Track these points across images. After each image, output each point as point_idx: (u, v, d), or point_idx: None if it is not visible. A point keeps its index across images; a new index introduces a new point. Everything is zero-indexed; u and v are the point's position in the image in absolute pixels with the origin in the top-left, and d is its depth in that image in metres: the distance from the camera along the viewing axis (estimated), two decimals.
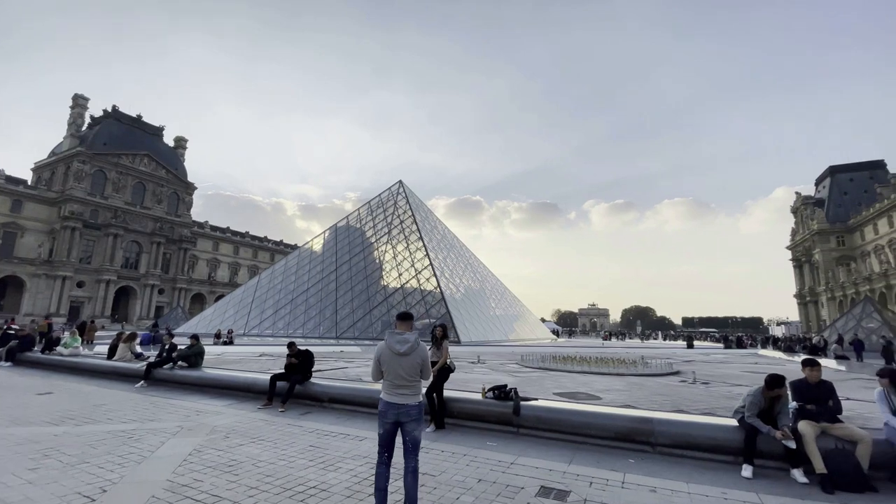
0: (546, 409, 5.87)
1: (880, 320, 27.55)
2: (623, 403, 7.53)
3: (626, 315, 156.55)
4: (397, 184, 45.16)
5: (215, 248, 79.67)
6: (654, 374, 12.46)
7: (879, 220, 56.24)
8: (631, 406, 7.29)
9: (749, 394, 4.76)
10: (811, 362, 4.84)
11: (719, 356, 22.65)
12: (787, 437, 4.37)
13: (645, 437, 5.15)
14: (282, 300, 36.14)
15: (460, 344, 26.28)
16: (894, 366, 17.26)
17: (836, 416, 4.57)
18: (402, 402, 3.43)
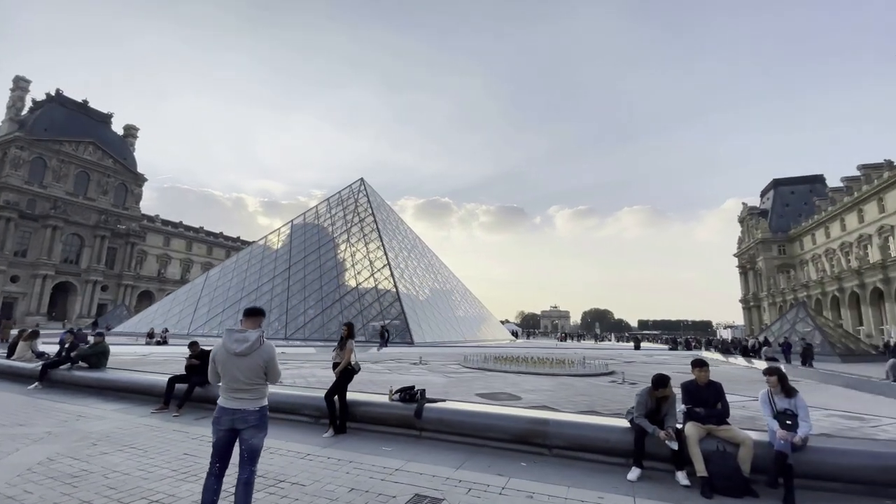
0: (450, 412, 5.65)
1: (812, 324, 29.24)
2: (540, 404, 7.43)
3: (585, 317, 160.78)
4: (358, 181, 44.35)
5: (166, 243, 75.82)
6: (588, 375, 12.56)
7: (817, 231, 60.05)
8: (548, 407, 7.20)
9: (637, 394, 4.70)
10: (699, 363, 4.83)
11: (661, 357, 23.34)
12: (669, 437, 4.31)
13: (541, 440, 5.01)
14: (230, 298, 34.62)
15: (413, 345, 25.93)
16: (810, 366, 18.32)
17: (724, 418, 4.55)
18: (239, 406, 3.09)
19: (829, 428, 6.19)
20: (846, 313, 50.86)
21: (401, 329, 28.02)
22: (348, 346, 6.07)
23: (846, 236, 52.67)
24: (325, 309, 30.71)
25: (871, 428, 6.26)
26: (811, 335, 28.91)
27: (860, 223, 50.31)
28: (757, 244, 69.31)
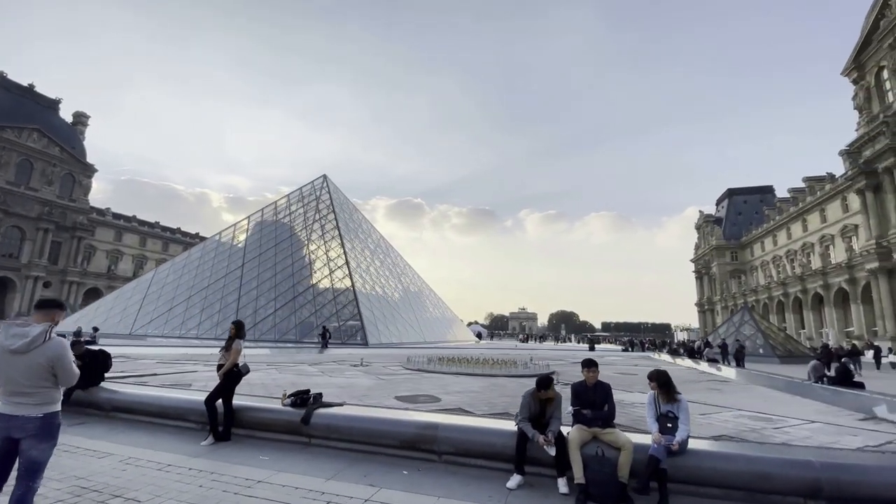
0: (340, 417, 5.29)
1: (755, 327, 30.52)
2: (456, 406, 7.18)
3: (552, 319, 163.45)
4: (321, 178, 43.35)
5: (118, 238, 71.93)
6: (526, 376, 12.46)
7: (765, 239, 63.08)
8: (462, 409, 6.95)
9: (522, 395, 4.49)
10: (589, 363, 4.68)
11: (610, 358, 23.71)
12: (548, 443, 4.11)
13: (430, 445, 4.73)
14: (178, 297, 33.03)
15: (367, 346, 25.37)
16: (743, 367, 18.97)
17: (610, 420, 4.40)
18: (17, 413, 2.64)
19: (732, 429, 6.20)
20: (790, 317, 53.55)
21: (356, 330, 27.41)
22: (235, 346, 5.63)
23: (791, 244, 55.51)
24: (279, 309, 29.69)
25: (773, 429, 6.32)
26: (753, 338, 30.17)
27: (804, 232, 53.10)
28: (711, 250, 72.21)
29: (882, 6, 37.29)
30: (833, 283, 44.98)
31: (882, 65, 38.22)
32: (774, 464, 3.81)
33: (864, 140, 38.65)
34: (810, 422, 6.98)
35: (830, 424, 6.78)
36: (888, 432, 6.31)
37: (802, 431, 6.32)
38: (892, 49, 36.57)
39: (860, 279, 40.18)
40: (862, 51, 39.78)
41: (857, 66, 40.39)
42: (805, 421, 7.04)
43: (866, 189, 37.56)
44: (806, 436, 6.03)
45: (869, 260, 36.86)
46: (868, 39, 38.98)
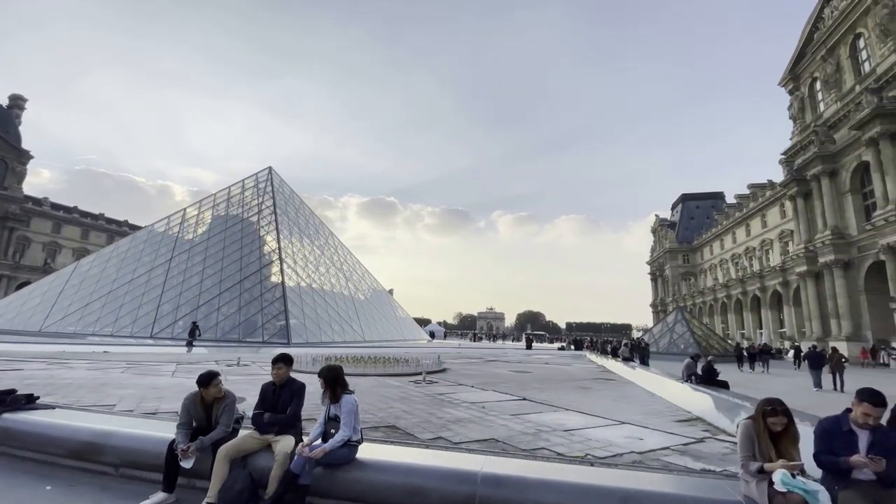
0: (19, 423, 4.48)
1: (686, 327, 31.16)
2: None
3: (519, 319, 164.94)
4: (266, 170, 41.77)
5: (56, 230, 67.87)
6: (410, 374, 11.92)
7: (714, 243, 65.11)
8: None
9: (184, 398, 3.83)
10: (278, 359, 4.04)
11: (541, 356, 23.68)
12: (184, 453, 3.45)
13: (99, 456, 4.01)
14: (98, 291, 31.03)
15: (289, 345, 24.34)
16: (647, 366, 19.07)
17: (290, 425, 3.76)
18: None
19: (519, 432, 5.72)
20: (732, 318, 55.34)
21: (281, 328, 26.32)
22: None
23: (736, 248, 57.41)
24: (202, 305, 28.23)
25: (565, 431, 5.87)
26: (684, 337, 30.78)
27: (747, 237, 54.99)
28: (665, 253, 74.09)
29: (816, 19, 38.79)
30: (769, 286, 46.65)
31: (815, 76, 39.78)
32: (434, 476, 3.28)
33: (797, 149, 40.16)
34: (621, 423, 6.61)
35: (643, 427, 6.42)
36: (687, 436, 5.98)
37: (603, 433, 5.92)
38: (824, 61, 38.06)
39: (792, 282, 41.73)
40: (797, 62, 41.32)
41: (792, 77, 41.93)
42: (617, 422, 6.67)
43: (797, 196, 38.98)
44: (602, 438, 5.62)
45: (798, 264, 38.26)
46: (803, 51, 40.50)
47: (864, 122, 30.62)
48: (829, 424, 3.09)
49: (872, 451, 2.86)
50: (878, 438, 2.93)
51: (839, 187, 34.86)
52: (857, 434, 2.97)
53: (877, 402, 2.92)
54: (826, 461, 2.97)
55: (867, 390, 3.05)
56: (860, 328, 32.37)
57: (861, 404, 2.95)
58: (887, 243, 28.79)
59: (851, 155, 33.56)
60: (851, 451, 2.91)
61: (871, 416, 2.91)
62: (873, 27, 32.64)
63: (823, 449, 3.01)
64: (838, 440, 2.99)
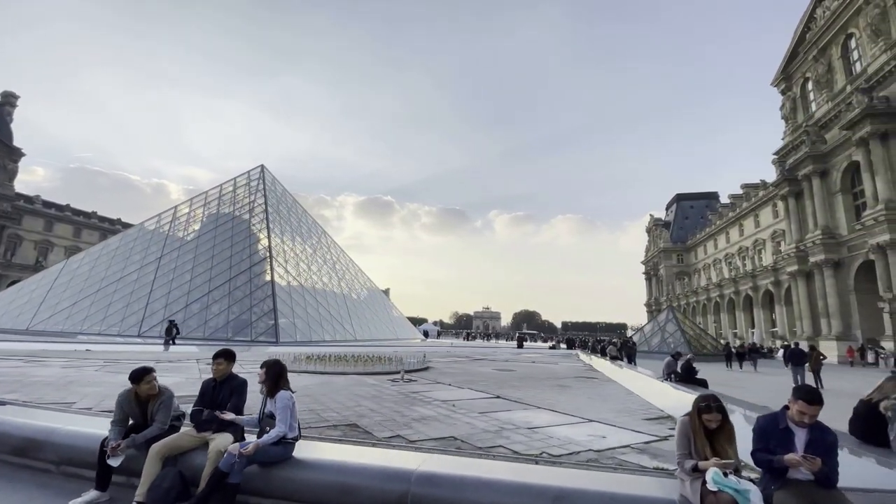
0: None
1: (676, 326, 31.23)
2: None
3: (515, 318, 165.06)
4: (258, 168, 41.59)
5: (48, 228, 67.45)
6: (388, 373, 11.83)
7: (707, 243, 65.28)
8: None
9: (118, 395, 3.74)
10: (218, 355, 3.96)
11: (529, 355, 23.62)
12: (113, 451, 3.37)
13: (39, 454, 3.93)
14: (86, 290, 30.83)
15: (277, 343, 24.24)
16: (634, 364, 19.09)
17: (226, 423, 3.64)
18: None
19: (482, 429, 5.66)
20: (724, 317, 55.52)
21: (269, 327, 26.19)
22: None
23: (729, 248, 57.57)
24: (190, 304, 28.07)
25: (526, 430, 5.81)
26: (675, 335, 30.84)
27: (740, 236, 55.16)
28: (659, 253, 74.25)
29: (808, 19, 38.86)
30: (761, 286, 46.81)
31: (807, 76, 39.88)
32: (368, 474, 3.21)
33: (789, 149, 40.27)
34: (588, 421, 6.56)
35: (609, 425, 6.36)
36: (651, 434, 5.93)
37: (567, 431, 5.86)
38: (816, 61, 38.16)
39: (783, 282, 41.87)
40: (790, 62, 41.41)
41: (784, 77, 42.03)
42: (584, 420, 6.62)
43: (789, 196, 39.11)
44: (565, 436, 5.56)
45: (789, 263, 38.38)
46: (795, 51, 40.59)
47: (854, 122, 30.71)
48: (765, 422, 3.02)
49: (809, 450, 2.81)
50: (814, 436, 2.86)
51: (830, 187, 34.98)
52: (793, 432, 2.91)
53: (811, 400, 2.84)
54: (761, 460, 2.91)
55: (803, 387, 3.01)
56: (850, 327, 32.50)
57: (796, 402, 2.88)
58: (877, 243, 28.90)
59: (842, 155, 33.67)
60: (788, 449, 2.85)
61: (806, 414, 2.83)
62: (864, 27, 32.72)
63: (760, 447, 2.95)
64: (775, 438, 2.92)
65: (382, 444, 4.11)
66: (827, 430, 2.95)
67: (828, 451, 2.81)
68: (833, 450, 2.85)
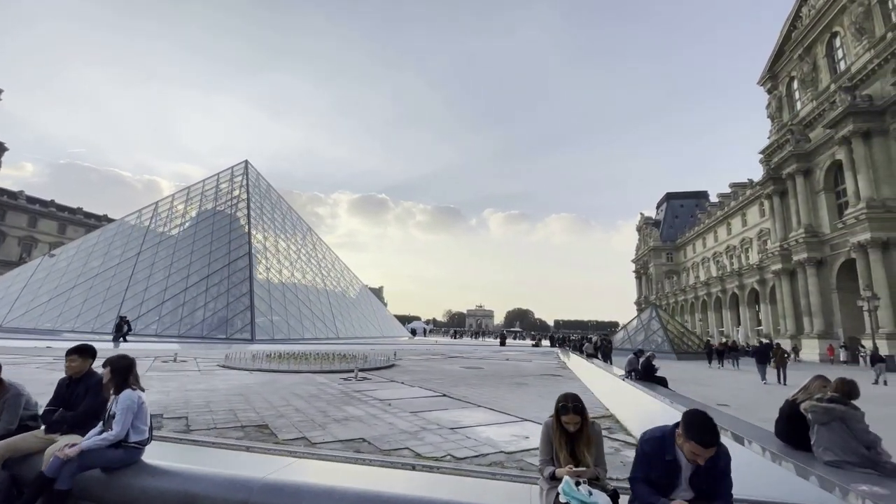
0: None
1: (659, 324, 31.11)
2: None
3: (509, 316, 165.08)
4: (242, 164, 41.20)
5: (32, 224, 66.53)
6: (342, 371, 11.54)
7: (696, 242, 65.34)
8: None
9: None
10: (72, 351, 3.65)
11: (508, 353, 23.44)
12: None
13: None
14: (62, 286, 30.33)
15: (252, 341, 23.90)
16: (609, 362, 18.93)
17: (78, 424, 3.33)
18: None
19: (402, 430, 5.40)
20: (711, 315, 55.61)
21: (245, 323, 25.82)
22: None
23: (717, 247, 57.64)
24: (166, 301, 27.65)
25: (447, 430, 5.56)
26: (658, 333, 30.77)
27: (728, 235, 55.21)
28: (649, 251, 74.31)
29: (794, 18, 38.83)
30: (747, 284, 46.88)
31: (793, 75, 39.86)
32: (212, 483, 2.95)
33: (774, 148, 40.27)
34: (522, 420, 6.32)
35: (540, 424, 6.13)
36: None
37: (492, 431, 5.62)
38: (801, 60, 38.13)
39: (768, 280, 41.92)
40: (776, 61, 41.39)
41: (771, 76, 42.00)
42: (518, 419, 6.38)
43: (774, 194, 39.11)
44: (485, 437, 5.31)
45: (774, 262, 38.42)
46: (781, 50, 40.56)
47: (837, 120, 30.69)
48: (651, 448, 2.56)
49: (695, 480, 2.46)
50: (702, 469, 2.44)
51: (813, 186, 34.99)
52: (680, 464, 2.48)
53: (707, 443, 2.34)
54: (641, 495, 2.49)
55: (696, 425, 2.39)
56: (832, 326, 32.56)
57: (688, 441, 2.38)
58: (858, 242, 28.91)
59: (825, 154, 33.68)
60: (671, 483, 2.48)
61: (699, 456, 2.36)
62: (849, 25, 32.69)
63: (640, 474, 2.55)
64: (658, 468, 2.50)
65: (257, 450, 3.84)
66: (718, 453, 2.44)
67: (719, 480, 2.45)
68: (725, 476, 2.48)
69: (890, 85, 28.57)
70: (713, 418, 2.44)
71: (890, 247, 27.65)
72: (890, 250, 27.67)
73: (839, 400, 4.12)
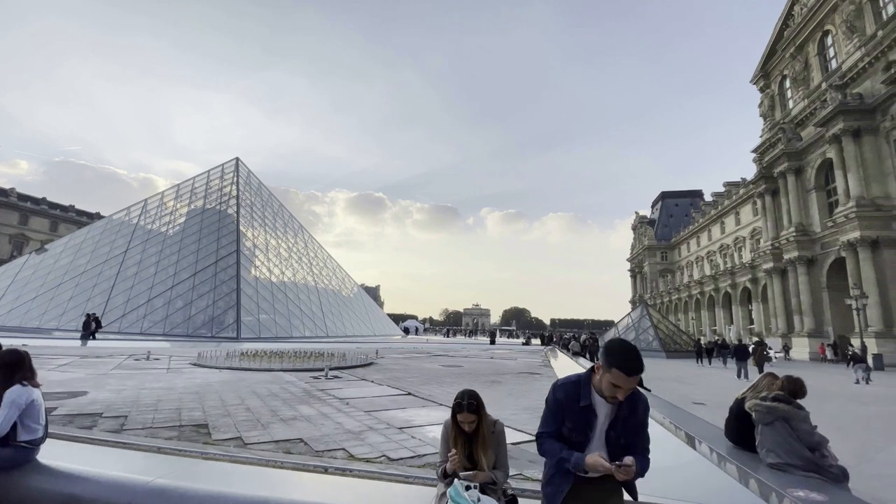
0: None
1: (650, 322, 31.03)
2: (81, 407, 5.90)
3: (505, 315, 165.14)
4: (233, 161, 40.96)
5: (23, 221, 66.09)
6: (317, 369, 11.36)
7: (690, 241, 65.34)
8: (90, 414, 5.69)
9: None
10: None
11: (497, 351, 23.32)
12: None
13: None
14: (48, 284, 30.05)
15: (237, 340, 23.70)
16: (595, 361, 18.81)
17: None
18: None
19: (345, 430, 5.24)
20: (704, 314, 55.64)
21: (231, 322, 25.61)
22: None
23: (711, 245, 57.64)
24: (152, 299, 27.41)
25: (395, 430, 5.40)
26: (648, 332, 30.70)
27: (722, 234, 55.21)
28: (644, 250, 74.31)
29: (787, 16, 38.74)
30: (739, 283, 46.88)
31: (785, 73, 39.79)
32: (95, 484, 2.79)
33: (767, 146, 40.22)
34: None
35: None
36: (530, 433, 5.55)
37: (436, 430, 5.45)
38: (793, 58, 38.07)
39: (760, 279, 41.91)
40: (768, 60, 41.31)
41: (763, 75, 41.94)
42: None
43: (766, 193, 39.07)
44: (432, 437, 5.15)
45: (765, 260, 38.38)
46: (774, 49, 40.48)
47: (827, 118, 30.63)
48: (564, 393, 2.11)
49: (611, 435, 2.07)
50: (621, 413, 2.05)
51: (804, 184, 34.95)
52: (596, 412, 2.06)
53: (631, 370, 1.93)
54: (550, 451, 2.09)
55: (618, 350, 1.99)
56: (822, 324, 32.54)
57: (610, 370, 1.96)
58: (847, 240, 28.87)
59: (816, 152, 33.62)
60: (585, 434, 2.06)
61: (621, 389, 1.96)
62: (840, 24, 32.62)
63: (550, 429, 2.12)
64: (572, 418, 2.08)
65: (167, 450, 3.65)
66: (637, 398, 2.08)
67: (637, 432, 2.09)
68: (644, 427, 2.11)
69: (880, 83, 28.50)
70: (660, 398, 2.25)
71: (879, 245, 27.62)
72: (879, 249, 27.64)
73: (783, 398, 3.97)
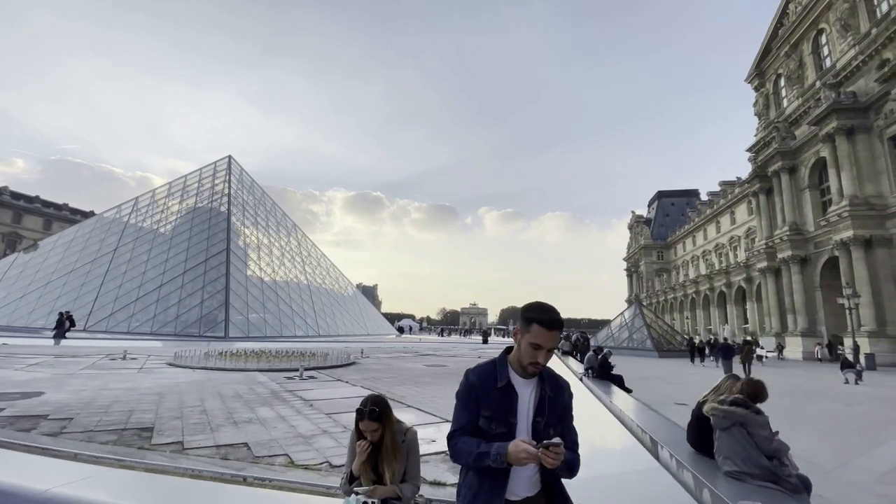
0: None
1: (642, 322, 30.87)
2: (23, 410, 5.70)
3: (502, 314, 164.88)
4: (225, 159, 40.67)
5: (16, 220, 65.72)
6: (293, 369, 11.15)
7: (686, 240, 65.23)
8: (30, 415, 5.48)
9: None
10: None
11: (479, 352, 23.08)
12: None
13: None
14: (36, 282, 29.79)
15: (225, 339, 23.48)
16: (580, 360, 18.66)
17: None
18: None
19: (294, 434, 5.04)
20: (700, 313, 55.54)
21: (220, 321, 25.38)
22: None
23: (706, 245, 57.53)
24: (140, 297, 27.16)
25: (339, 433, 5.20)
26: (641, 331, 30.56)
27: (717, 233, 55.09)
28: (640, 249, 74.17)
29: (781, 14, 38.57)
30: (734, 282, 46.79)
31: (779, 72, 39.62)
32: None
33: (761, 145, 40.06)
34: (445, 421, 5.99)
35: None
36: None
37: None
38: (787, 57, 37.90)
39: (755, 278, 41.81)
40: (763, 58, 41.13)
41: (758, 74, 41.76)
42: (441, 420, 6.05)
43: (760, 192, 38.93)
44: None
45: (759, 260, 38.26)
46: (768, 47, 40.31)
47: (821, 117, 30.46)
48: (478, 376, 1.72)
49: (539, 418, 1.67)
50: (545, 394, 1.70)
51: (798, 183, 34.82)
52: (517, 392, 1.68)
53: (551, 323, 1.64)
54: (463, 450, 1.63)
55: (536, 306, 1.70)
56: (815, 324, 32.41)
57: (529, 328, 1.64)
58: (840, 239, 28.72)
59: (810, 151, 33.48)
60: (507, 422, 1.65)
61: (542, 350, 1.63)
62: (834, 22, 32.45)
63: (463, 423, 1.69)
64: (490, 404, 1.67)
65: (84, 457, 3.46)
66: (559, 380, 1.79)
67: (565, 417, 1.75)
68: (569, 412, 1.77)
69: (874, 81, 28.35)
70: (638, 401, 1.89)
71: (872, 245, 27.48)
72: (872, 248, 27.50)
73: (741, 402, 3.78)
